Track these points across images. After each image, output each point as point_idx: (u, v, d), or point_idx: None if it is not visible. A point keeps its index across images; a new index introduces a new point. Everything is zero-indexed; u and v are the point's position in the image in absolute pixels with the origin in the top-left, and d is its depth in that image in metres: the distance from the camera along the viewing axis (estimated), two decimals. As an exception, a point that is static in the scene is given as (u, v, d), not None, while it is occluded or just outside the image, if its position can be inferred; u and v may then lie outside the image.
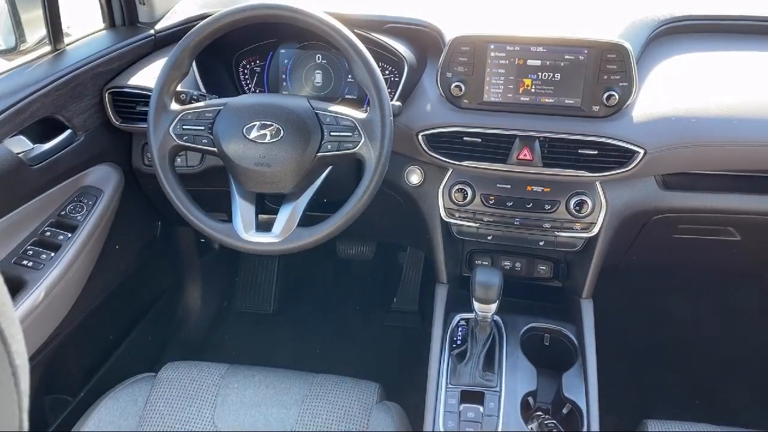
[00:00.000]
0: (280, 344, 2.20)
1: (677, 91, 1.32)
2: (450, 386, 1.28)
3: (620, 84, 1.24)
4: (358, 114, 1.20)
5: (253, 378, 1.32)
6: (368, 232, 2.01)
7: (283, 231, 1.20)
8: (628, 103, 1.26)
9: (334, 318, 2.31)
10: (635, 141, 1.25)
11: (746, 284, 2.14)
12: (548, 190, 1.37)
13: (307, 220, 1.24)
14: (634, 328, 2.19)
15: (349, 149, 1.19)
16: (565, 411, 1.26)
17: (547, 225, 1.41)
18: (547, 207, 1.38)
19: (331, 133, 1.19)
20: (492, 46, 1.27)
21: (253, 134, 1.19)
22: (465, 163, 1.34)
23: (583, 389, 1.28)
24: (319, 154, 1.19)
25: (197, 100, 1.30)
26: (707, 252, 1.61)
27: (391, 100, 1.33)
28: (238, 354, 2.14)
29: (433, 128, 1.33)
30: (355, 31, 1.31)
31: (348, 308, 2.35)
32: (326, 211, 1.25)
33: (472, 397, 1.26)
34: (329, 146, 1.19)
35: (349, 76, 1.53)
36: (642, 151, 1.25)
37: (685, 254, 1.65)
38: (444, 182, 1.43)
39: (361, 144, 1.18)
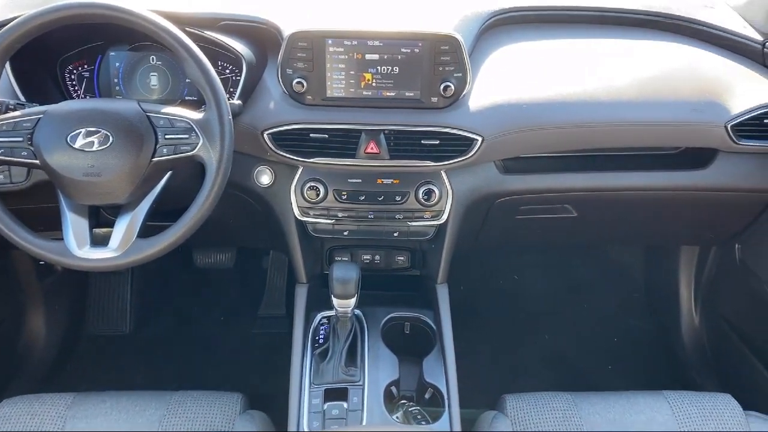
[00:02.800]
0: (138, 365, 2.07)
1: (509, 80, 1.39)
2: (314, 386, 1.27)
3: (455, 75, 1.28)
4: (194, 114, 1.15)
5: (103, 404, 1.22)
6: (224, 238, 1.94)
7: (121, 244, 1.13)
8: (464, 93, 1.31)
9: (197, 331, 2.22)
10: (473, 129, 1.30)
11: (588, 257, 2.31)
12: (398, 181, 1.40)
13: (150, 230, 1.18)
14: (493, 308, 2.30)
15: (186, 152, 1.13)
16: (427, 396, 1.29)
17: (399, 216, 1.43)
18: (398, 198, 1.40)
19: (166, 137, 1.13)
20: (330, 41, 1.27)
21: (79, 143, 1.11)
22: (314, 159, 1.33)
23: (443, 372, 1.32)
24: (155, 159, 1.13)
25: (14, 110, 1.19)
26: (549, 230, 1.71)
27: (233, 99, 1.29)
28: (91, 382, 1.99)
29: (278, 126, 1.30)
30: (186, 29, 1.25)
31: (211, 320, 2.27)
32: (171, 219, 1.19)
33: (336, 394, 1.25)
34: (165, 150, 1.13)
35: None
36: (480, 139, 1.31)
37: (530, 234, 1.75)
38: (295, 181, 1.41)
39: (199, 146, 1.14)
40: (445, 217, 1.43)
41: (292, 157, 1.33)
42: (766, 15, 1.52)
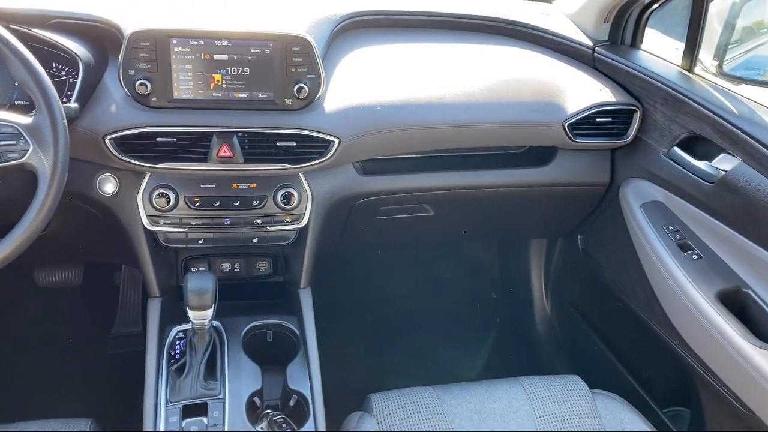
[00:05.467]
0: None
1: (364, 82, 1.41)
2: (170, 403, 1.20)
3: (308, 76, 1.27)
4: (22, 119, 1.05)
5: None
6: (67, 253, 1.79)
7: (-63, 264, 1.00)
8: (319, 95, 1.30)
9: (43, 357, 2.03)
10: (329, 131, 1.30)
11: (448, 253, 2.39)
12: (254, 185, 1.36)
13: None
14: (362, 310, 2.31)
15: (15, 160, 1.03)
16: (292, 403, 1.26)
17: (258, 221, 1.39)
18: (256, 203, 1.37)
19: None
20: (175, 41, 1.21)
21: None
22: (162, 165, 1.27)
23: (307, 378, 1.30)
24: None
25: None
26: (409, 229, 1.75)
27: (69, 102, 1.20)
28: None
29: (121, 130, 1.22)
30: (11, 26, 1.15)
31: (59, 344, 2.08)
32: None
33: (195, 410, 1.19)
34: None
35: None
36: (337, 141, 1.30)
37: (392, 233, 1.78)
38: (142, 188, 1.33)
39: (29, 153, 1.04)
40: (305, 220, 1.42)
41: (137, 163, 1.25)
42: (595, 23, 1.65)
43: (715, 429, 1.42)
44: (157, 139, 1.24)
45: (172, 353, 1.31)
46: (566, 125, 1.47)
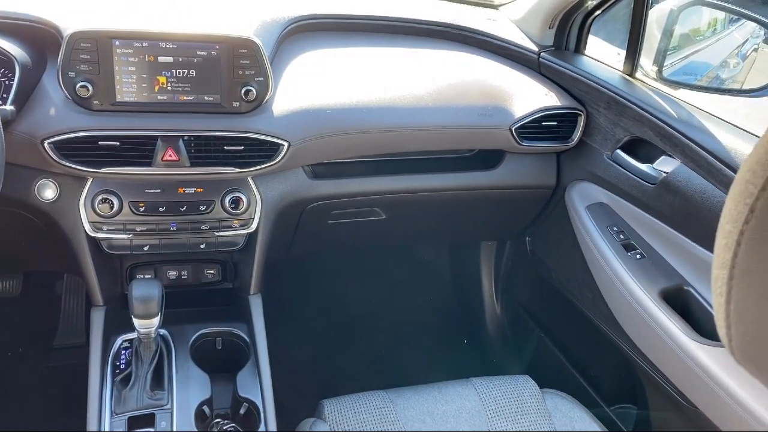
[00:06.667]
0: None
1: (313, 86, 1.40)
2: (116, 415, 1.17)
3: (256, 79, 1.25)
4: None
5: None
6: (4, 262, 1.72)
7: None
8: (267, 98, 1.28)
9: None
10: (278, 134, 1.29)
11: (401, 257, 2.40)
12: (201, 190, 1.33)
13: None
14: (314, 315, 2.29)
15: None
16: (242, 411, 1.24)
17: (205, 226, 1.36)
18: (203, 208, 1.34)
19: None
20: (117, 42, 1.18)
21: None
22: (105, 170, 1.23)
23: (258, 385, 1.28)
24: None
25: None
26: (361, 233, 1.75)
27: (4, 105, 1.15)
28: None
29: (61, 134, 1.18)
30: None
31: None
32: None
33: (142, 421, 1.16)
34: None
35: None
36: (286, 144, 1.29)
37: (343, 237, 1.77)
38: (84, 194, 1.29)
39: None
40: (254, 225, 1.40)
41: (79, 168, 1.21)
42: (540, 28, 1.68)
43: (661, 424, 1.46)
44: (100, 143, 1.20)
45: (117, 363, 1.27)
46: (513, 129, 1.49)
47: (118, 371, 1.26)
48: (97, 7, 1.39)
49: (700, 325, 1.25)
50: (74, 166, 1.21)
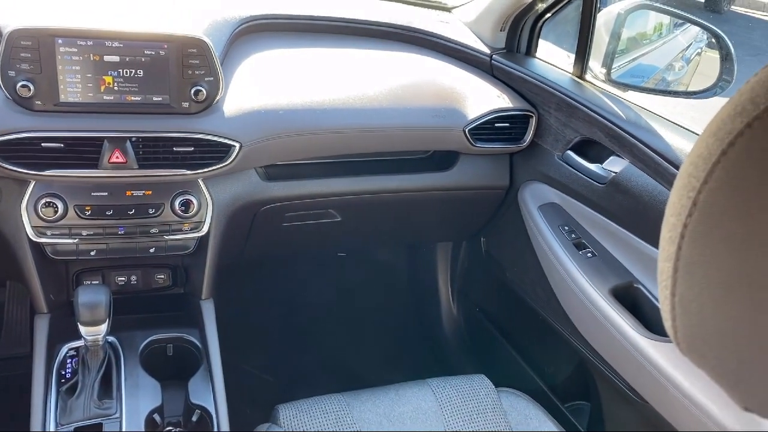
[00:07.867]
0: None
1: (265, 86, 1.38)
2: (61, 426, 1.13)
3: (206, 79, 1.23)
4: None
5: None
6: None
7: None
8: (217, 98, 1.26)
9: None
10: (229, 135, 1.26)
11: (358, 259, 2.39)
12: (150, 193, 1.30)
13: None
14: (269, 320, 2.26)
15: None
16: (194, 419, 1.21)
17: (154, 230, 1.33)
18: (152, 211, 1.31)
19: None
20: (60, 41, 1.14)
21: None
22: (48, 172, 1.18)
23: (211, 391, 1.25)
24: None
25: None
26: (316, 235, 1.73)
27: None
28: None
29: (0, 135, 1.14)
30: None
31: None
32: None
33: (89, 431, 1.12)
34: None
35: None
36: (238, 145, 1.27)
37: (298, 240, 1.75)
38: (27, 197, 1.24)
39: None
40: (206, 228, 1.37)
41: (20, 170, 1.17)
42: (492, 31, 1.70)
43: (614, 420, 1.49)
44: (43, 144, 1.16)
45: (63, 372, 1.23)
46: (467, 130, 1.50)
47: (63, 380, 1.21)
48: (42, 5, 1.34)
49: (650, 321, 1.28)
50: (15, 168, 1.16)
